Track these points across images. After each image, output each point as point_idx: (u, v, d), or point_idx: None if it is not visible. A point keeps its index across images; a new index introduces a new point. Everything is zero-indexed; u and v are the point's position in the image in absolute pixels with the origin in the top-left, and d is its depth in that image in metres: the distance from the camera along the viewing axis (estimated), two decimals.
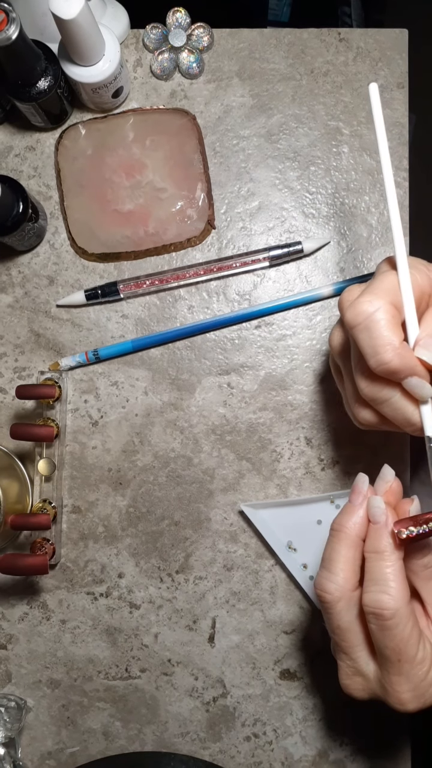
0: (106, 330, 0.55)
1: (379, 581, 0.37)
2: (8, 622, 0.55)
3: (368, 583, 0.38)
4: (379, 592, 0.37)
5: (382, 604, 0.37)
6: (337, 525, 0.40)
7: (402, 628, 0.37)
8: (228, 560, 0.54)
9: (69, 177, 0.54)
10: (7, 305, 0.55)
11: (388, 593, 0.37)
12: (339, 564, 0.39)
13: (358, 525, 0.40)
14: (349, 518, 0.40)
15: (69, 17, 0.43)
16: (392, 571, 0.37)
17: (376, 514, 0.39)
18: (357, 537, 0.40)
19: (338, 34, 0.56)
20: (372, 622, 0.37)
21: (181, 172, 0.54)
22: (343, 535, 0.40)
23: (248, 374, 0.55)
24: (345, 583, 0.39)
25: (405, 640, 0.37)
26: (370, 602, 0.37)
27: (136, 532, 0.55)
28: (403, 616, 0.37)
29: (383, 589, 0.37)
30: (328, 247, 0.55)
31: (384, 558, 0.38)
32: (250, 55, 0.56)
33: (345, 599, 0.39)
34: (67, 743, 0.55)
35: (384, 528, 0.39)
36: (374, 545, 0.39)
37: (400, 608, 0.37)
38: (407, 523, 0.38)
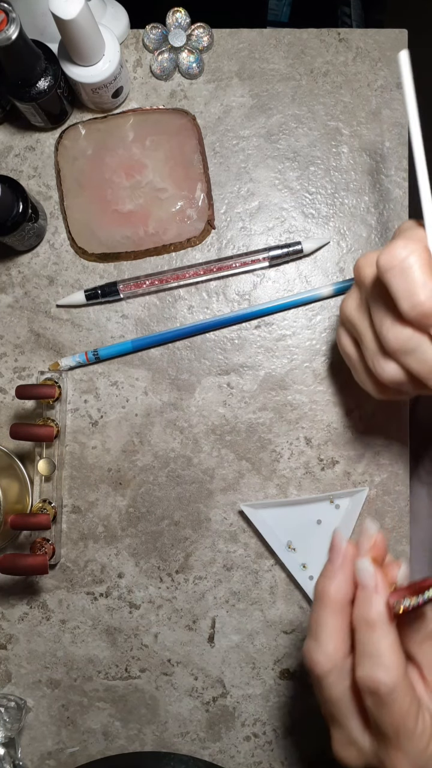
0: (106, 330, 0.55)
1: (373, 655, 0.34)
2: (8, 622, 0.55)
3: (361, 656, 0.35)
4: (372, 667, 0.34)
5: (377, 681, 0.34)
6: (320, 590, 0.37)
7: (400, 703, 0.34)
8: (228, 560, 0.55)
9: (69, 177, 0.54)
10: (7, 305, 0.55)
11: (384, 668, 0.34)
12: (326, 633, 0.36)
13: (342, 590, 0.37)
14: (331, 582, 0.37)
15: (69, 17, 0.43)
16: (387, 644, 0.34)
17: (364, 578, 0.36)
18: (343, 602, 0.37)
19: (338, 34, 0.56)
20: (368, 698, 0.35)
21: (181, 172, 0.54)
22: (327, 601, 0.37)
23: (248, 374, 0.55)
24: (335, 653, 0.36)
25: (403, 716, 0.34)
26: (365, 678, 0.34)
27: (136, 532, 0.55)
28: (400, 691, 0.34)
29: (378, 663, 0.34)
30: (327, 247, 0.55)
31: (375, 629, 0.35)
32: (250, 55, 0.56)
33: (336, 669, 0.36)
34: (67, 743, 0.55)
35: (374, 594, 0.35)
36: (364, 614, 0.35)
37: (397, 682, 0.34)
38: (403, 593, 0.35)
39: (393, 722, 0.34)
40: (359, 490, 0.54)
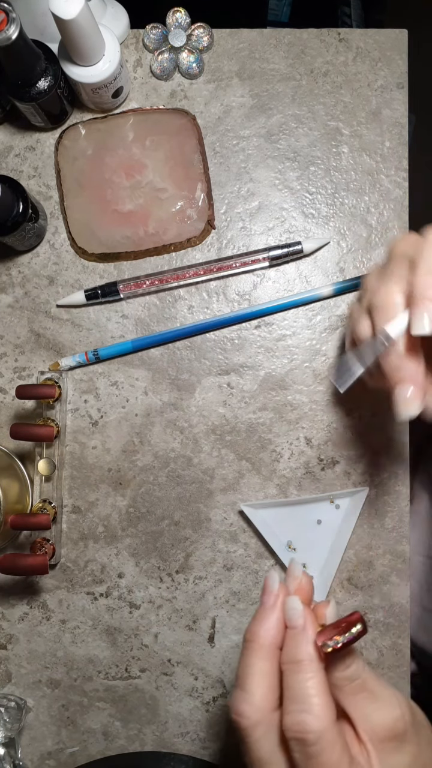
0: (106, 330, 0.55)
1: (300, 698, 0.32)
2: (8, 622, 0.55)
3: (288, 701, 0.32)
4: (300, 712, 0.31)
5: (304, 727, 0.31)
6: (249, 634, 0.35)
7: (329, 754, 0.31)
8: (228, 560, 0.55)
9: (69, 177, 0.54)
10: (7, 305, 0.55)
11: (311, 712, 0.31)
12: (254, 680, 0.33)
13: (272, 632, 0.34)
14: (261, 624, 0.35)
15: (69, 17, 0.43)
16: (314, 684, 0.32)
17: (293, 617, 0.34)
18: (272, 646, 0.34)
19: (338, 34, 0.56)
20: (295, 749, 0.32)
21: (181, 172, 0.54)
22: (256, 645, 0.34)
23: (248, 374, 0.55)
24: (262, 703, 0.33)
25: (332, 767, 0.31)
26: (291, 725, 0.31)
27: (136, 532, 0.55)
28: (329, 738, 0.31)
29: (305, 707, 0.31)
30: (327, 248, 0.55)
31: (303, 669, 0.32)
32: (250, 55, 0.56)
33: (264, 723, 0.33)
34: (67, 743, 0.55)
35: (302, 633, 0.33)
36: (292, 654, 0.33)
37: (325, 729, 0.31)
38: (331, 633, 0.33)
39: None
40: (359, 490, 0.54)
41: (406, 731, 0.34)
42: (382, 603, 0.54)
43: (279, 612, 0.35)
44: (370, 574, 0.54)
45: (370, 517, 0.54)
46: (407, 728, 0.34)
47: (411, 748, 0.34)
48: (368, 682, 0.34)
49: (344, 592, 0.54)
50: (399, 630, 0.54)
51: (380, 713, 0.33)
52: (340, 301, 0.55)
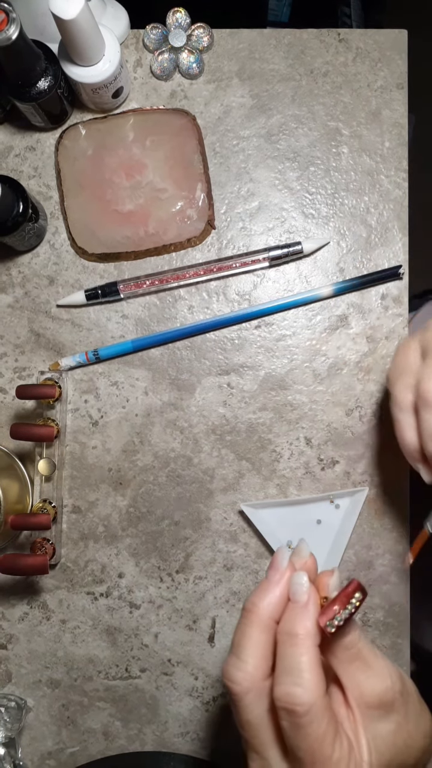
0: (106, 330, 0.55)
1: (293, 671, 0.33)
2: (8, 622, 0.55)
3: (280, 672, 0.34)
4: (291, 685, 0.33)
5: (295, 699, 0.32)
6: (250, 604, 0.36)
7: (317, 725, 0.32)
8: (228, 560, 0.55)
9: (69, 177, 0.54)
10: (7, 305, 0.55)
11: (302, 686, 0.33)
12: (249, 649, 0.35)
13: (272, 605, 0.36)
14: (264, 597, 0.36)
15: (69, 17, 0.43)
16: (307, 660, 0.33)
17: (298, 592, 0.35)
18: (270, 619, 0.36)
19: (338, 34, 0.56)
20: (284, 718, 0.33)
21: (181, 172, 0.54)
22: (254, 616, 0.35)
23: (248, 374, 0.55)
24: (255, 671, 0.34)
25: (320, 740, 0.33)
26: (282, 696, 0.33)
27: (136, 532, 0.55)
28: (317, 712, 0.32)
29: (297, 681, 0.33)
30: (327, 248, 0.55)
31: (299, 643, 0.34)
32: (250, 55, 0.56)
33: (255, 690, 0.34)
34: (67, 743, 0.55)
35: (304, 609, 0.34)
36: (289, 627, 0.34)
37: (314, 703, 0.32)
38: (333, 611, 0.34)
39: (309, 747, 0.33)
40: (359, 490, 0.54)
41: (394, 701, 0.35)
42: (382, 603, 0.54)
43: (283, 588, 0.36)
44: (370, 574, 0.54)
45: (370, 517, 0.54)
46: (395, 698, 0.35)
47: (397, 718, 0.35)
48: (363, 651, 0.35)
49: None
50: (399, 630, 0.54)
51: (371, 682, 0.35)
52: (339, 301, 0.55)
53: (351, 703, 0.35)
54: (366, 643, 0.35)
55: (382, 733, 0.35)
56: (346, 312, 0.55)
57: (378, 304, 0.55)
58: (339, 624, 0.33)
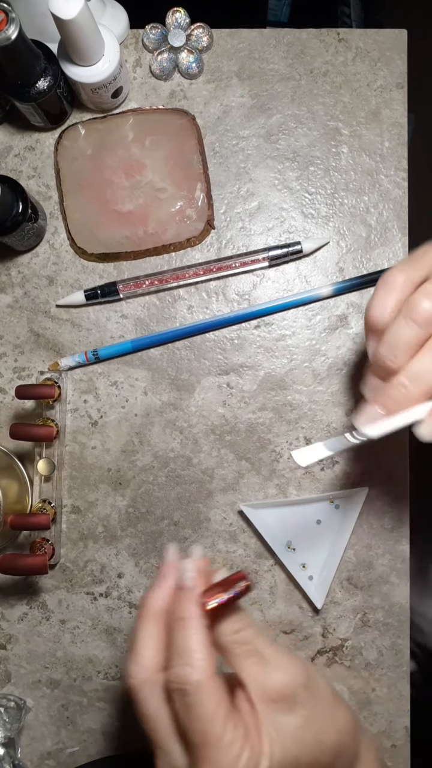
0: (106, 330, 0.55)
1: (182, 653, 0.34)
2: (8, 622, 0.55)
3: (172, 656, 0.35)
4: (182, 665, 0.34)
5: (184, 678, 0.33)
6: (143, 600, 0.38)
7: (206, 704, 0.33)
8: (227, 560, 0.54)
9: (68, 177, 0.54)
10: (6, 305, 0.55)
11: (191, 665, 0.33)
12: (142, 643, 0.36)
13: (161, 598, 0.37)
14: (153, 592, 0.38)
15: (68, 17, 0.43)
16: (196, 640, 0.34)
17: (185, 579, 0.37)
18: (161, 611, 0.37)
19: (337, 34, 0.56)
20: (176, 699, 0.34)
21: (181, 172, 0.54)
22: (147, 611, 0.37)
23: (247, 374, 0.55)
24: (149, 663, 0.35)
25: (209, 719, 0.33)
26: (174, 677, 0.34)
27: (135, 532, 0.55)
28: (207, 689, 0.33)
29: (186, 661, 0.34)
30: (327, 247, 0.55)
31: (186, 626, 0.35)
32: (250, 55, 0.56)
33: (150, 682, 0.35)
34: (66, 743, 0.55)
35: (190, 593, 0.36)
36: (178, 612, 0.36)
37: (203, 681, 0.33)
38: (215, 590, 0.35)
39: (199, 727, 0.33)
40: (359, 490, 0.54)
41: (297, 695, 0.35)
42: (381, 603, 0.54)
43: (171, 582, 0.38)
44: (370, 574, 0.54)
45: (370, 517, 0.54)
46: (298, 692, 0.35)
47: (303, 712, 0.35)
48: (259, 647, 0.36)
49: (344, 592, 0.54)
50: (399, 630, 0.54)
51: (270, 677, 0.35)
52: (339, 301, 0.55)
53: (253, 699, 0.35)
54: (263, 640, 0.36)
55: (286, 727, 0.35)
56: (346, 312, 0.55)
57: None
58: (221, 601, 0.35)
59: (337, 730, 0.36)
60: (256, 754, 0.33)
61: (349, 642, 0.54)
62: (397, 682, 0.54)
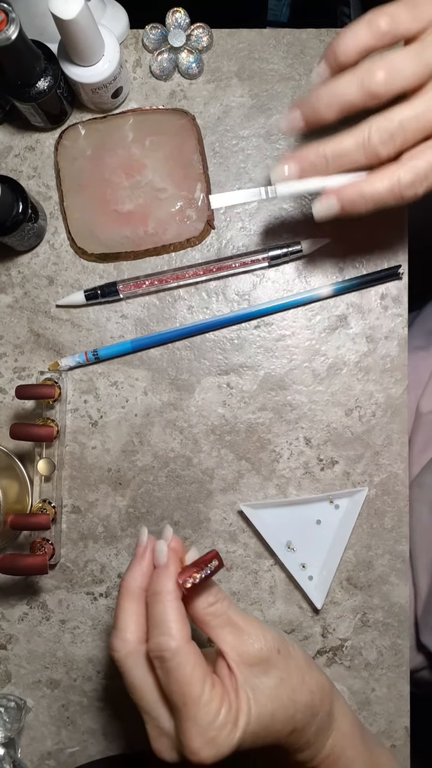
0: (106, 330, 0.55)
1: (160, 623, 0.37)
2: (8, 622, 0.55)
3: (151, 628, 0.38)
4: (160, 635, 0.37)
5: (162, 646, 0.36)
6: (122, 582, 0.40)
7: (183, 667, 0.36)
8: (227, 560, 0.55)
9: (68, 177, 0.54)
10: (6, 305, 0.55)
11: (168, 633, 0.36)
12: (124, 619, 0.39)
13: (140, 577, 0.40)
14: (131, 572, 0.40)
15: (68, 17, 0.43)
16: (171, 611, 0.37)
17: (159, 557, 0.39)
18: (140, 589, 0.40)
19: (337, 34, 0.56)
20: (157, 666, 0.37)
21: (181, 172, 0.54)
22: (125, 590, 0.40)
23: (247, 374, 0.55)
24: (131, 636, 0.38)
25: (187, 680, 0.36)
26: (153, 647, 0.37)
27: (135, 532, 0.55)
28: (183, 654, 0.36)
29: (164, 630, 0.37)
30: (327, 247, 0.55)
31: (162, 600, 0.37)
32: (250, 55, 0.56)
33: (133, 654, 0.38)
34: (66, 743, 0.55)
35: (165, 569, 0.39)
36: (153, 587, 0.38)
37: (180, 647, 0.36)
38: (190, 571, 0.38)
39: (178, 689, 0.36)
40: (359, 490, 0.54)
41: (271, 658, 0.38)
42: (381, 603, 0.54)
43: (147, 560, 0.40)
44: (370, 574, 0.54)
45: (370, 517, 0.54)
46: (272, 655, 0.38)
47: (278, 673, 0.38)
48: (233, 618, 0.39)
49: (344, 592, 0.54)
50: (398, 630, 0.54)
51: (245, 643, 0.38)
52: (339, 301, 0.55)
53: (231, 665, 0.38)
54: (236, 611, 0.39)
55: (262, 687, 0.38)
56: (346, 312, 0.55)
57: (377, 304, 0.55)
58: (195, 582, 0.38)
59: (311, 690, 0.39)
60: (234, 711, 0.36)
61: (348, 642, 0.54)
62: (397, 682, 0.54)
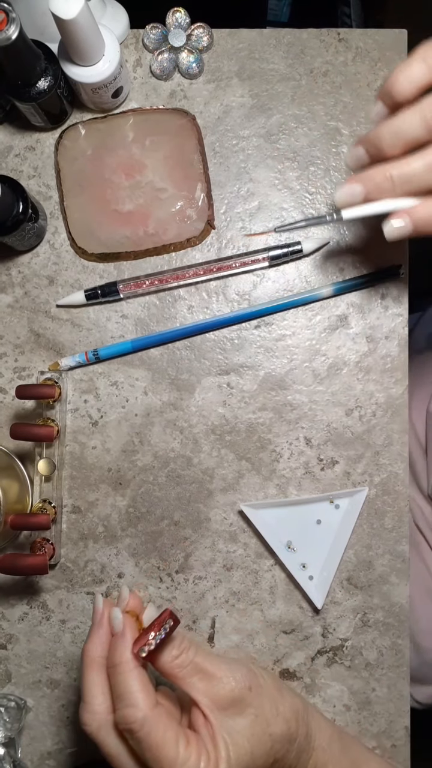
0: (106, 330, 0.55)
1: (124, 695, 0.37)
2: (8, 622, 0.55)
3: (115, 700, 0.38)
4: (125, 707, 0.37)
5: (129, 719, 0.36)
6: (84, 652, 0.40)
7: (154, 734, 0.36)
8: (227, 560, 0.55)
9: (69, 177, 0.54)
10: (7, 305, 0.55)
11: (132, 705, 0.36)
12: (91, 692, 0.39)
13: (100, 645, 0.40)
14: (91, 641, 0.40)
15: (69, 17, 0.43)
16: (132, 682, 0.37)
17: (115, 625, 0.39)
18: (102, 658, 0.40)
19: (338, 34, 0.56)
20: (128, 738, 0.37)
21: (181, 172, 0.54)
22: (88, 660, 0.40)
23: (248, 374, 0.55)
24: (100, 708, 0.38)
25: (160, 746, 0.36)
26: (120, 720, 0.37)
27: (135, 532, 0.55)
28: (151, 722, 0.36)
29: (128, 702, 0.37)
30: (327, 247, 0.55)
31: (122, 671, 0.37)
32: (250, 55, 0.56)
33: (104, 726, 0.38)
34: (66, 743, 0.55)
35: (121, 638, 0.39)
36: (112, 659, 0.38)
37: (146, 716, 0.36)
38: (145, 638, 0.38)
39: (153, 756, 0.36)
40: (359, 490, 0.54)
41: (244, 697, 0.38)
42: (381, 603, 0.54)
43: (105, 628, 0.40)
44: (370, 574, 0.54)
45: (370, 517, 0.54)
46: (244, 694, 0.38)
47: (252, 711, 0.38)
48: (200, 665, 0.39)
49: (344, 592, 0.54)
50: (399, 630, 0.54)
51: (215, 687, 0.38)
52: (339, 301, 0.55)
53: (205, 711, 0.38)
54: (203, 657, 0.39)
55: (237, 728, 0.38)
56: (346, 312, 0.55)
57: (378, 303, 0.55)
58: (150, 649, 0.38)
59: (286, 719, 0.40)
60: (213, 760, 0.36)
61: (349, 642, 0.54)
62: (397, 682, 0.54)
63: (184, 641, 0.40)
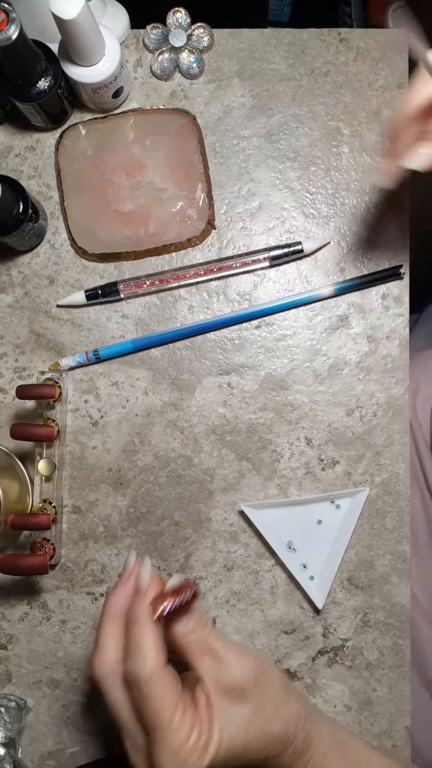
0: (106, 330, 0.55)
1: (136, 648, 0.38)
2: (8, 622, 0.55)
3: (128, 653, 0.39)
4: (135, 660, 0.38)
5: (137, 671, 0.37)
6: (106, 602, 0.41)
7: (155, 694, 0.37)
8: (228, 560, 0.54)
9: (69, 177, 0.54)
10: (7, 305, 0.55)
11: (142, 659, 0.37)
12: (105, 640, 0.40)
13: (122, 600, 0.41)
14: (114, 595, 0.41)
15: (69, 17, 0.43)
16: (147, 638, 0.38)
17: (141, 581, 0.41)
18: (121, 612, 0.41)
19: (338, 34, 0.56)
20: (133, 690, 0.38)
21: (182, 172, 0.54)
22: (109, 610, 0.41)
23: (248, 374, 0.55)
24: (111, 657, 0.39)
25: (158, 707, 0.37)
26: (129, 671, 0.38)
27: (136, 532, 0.55)
28: (156, 680, 0.37)
29: (140, 654, 0.38)
30: (328, 247, 0.55)
31: (140, 626, 0.39)
32: (251, 55, 0.55)
33: (112, 674, 0.39)
34: (67, 743, 0.55)
35: (144, 596, 0.40)
36: (132, 613, 0.40)
37: (153, 673, 0.37)
38: (163, 599, 0.39)
39: (149, 714, 0.37)
40: (360, 490, 0.54)
41: (247, 689, 0.39)
42: (382, 603, 0.54)
43: (130, 584, 0.41)
44: (371, 574, 0.54)
45: (371, 517, 0.54)
46: (248, 687, 0.39)
47: (252, 704, 0.39)
48: (213, 646, 0.39)
49: (345, 592, 0.54)
50: (399, 630, 0.54)
51: (222, 671, 0.39)
52: (340, 301, 0.55)
53: (208, 690, 0.39)
54: (217, 638, 0.40)
55: (235, 716, 0.38)
56: (347, 312, 0.55)
57: (379, 303, 0.55)
58: (170, 609, 0.39)
59: (285, 722, 0.40)
60: (205, 737, 0.37)
61: (349, 642, 0.54)
62: (398, 682, 0.54)
63: (203, 618, 0.41)
